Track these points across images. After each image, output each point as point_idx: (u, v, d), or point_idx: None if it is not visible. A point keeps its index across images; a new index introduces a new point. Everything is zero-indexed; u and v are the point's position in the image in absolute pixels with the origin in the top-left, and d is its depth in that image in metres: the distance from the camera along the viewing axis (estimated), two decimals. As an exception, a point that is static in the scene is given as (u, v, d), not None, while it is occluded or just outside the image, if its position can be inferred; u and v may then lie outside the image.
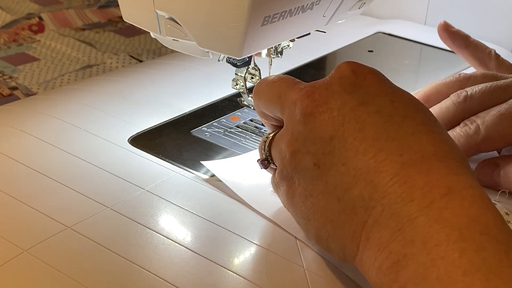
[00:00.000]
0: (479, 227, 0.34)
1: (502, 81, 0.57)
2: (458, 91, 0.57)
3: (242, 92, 0.63)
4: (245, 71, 0.61)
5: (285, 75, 0.47)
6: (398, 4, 0.97)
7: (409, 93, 0.43)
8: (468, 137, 0.53)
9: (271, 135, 0.47)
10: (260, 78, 0.62)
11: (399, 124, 0.40)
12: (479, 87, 0.56)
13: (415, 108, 0.41)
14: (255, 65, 0.62)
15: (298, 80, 0.46)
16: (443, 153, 0.38)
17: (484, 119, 0.54)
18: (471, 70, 0.71)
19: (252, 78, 0.62)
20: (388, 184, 0.37)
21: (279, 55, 0.61)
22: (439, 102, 0.58)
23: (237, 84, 0.62)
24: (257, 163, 0.49)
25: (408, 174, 0.37)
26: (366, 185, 0.38)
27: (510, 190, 0.52)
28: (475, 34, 0.84)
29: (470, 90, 0.56)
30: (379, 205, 0.37)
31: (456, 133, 0.54)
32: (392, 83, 0.43)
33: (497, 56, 0.64)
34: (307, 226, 0.43)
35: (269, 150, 0.47)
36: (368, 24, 0.94)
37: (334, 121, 0.41)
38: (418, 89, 0.74)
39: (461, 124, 0.55)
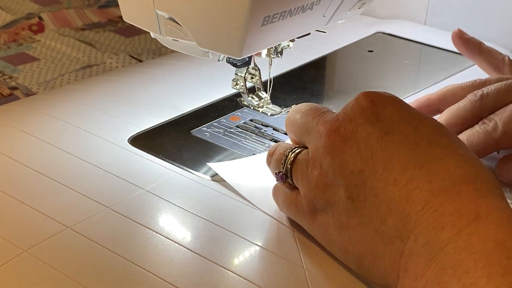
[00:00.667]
0: (506, 251, 0.34)
1: None
2: (475, 91, 0.58)
3: (242, 92, 0.63)
4: (245, 71, 0.61)
5: (314, 104, 0.48)
6: (398, 4, 0.97)
7: (431, 117, 0.43)
8: (487, 134, 0.54)
9: (293, 153, 0.47)
10: (260, 78, 0.62)
11: (425, 150, 0.40)
12: (495, 86, 0.58)
13: (438, 132, 0.42)
14: (255, 65, 0.62)
15: (325, 109, 0.47)
16: (471, 176, 0.39)
17: (502, 115, 0.55)
18: (471, 70, 0.72)
19: (252, 78, 0.62)
20: (419, 213, 0.38)
21: (279, 55, 0.61)
22: (454, 104, 0.59)
23: (237, 84, 0.62)
24: (275, 176, 0.49)
25: (438, 201, 0.38)
26: (400, 215, 0.39)
27: None
28: (475, 34, 0.84)
29: (486, 89, 0.58)
30: (412, 235, 0.38)
31: (475, 130, 0.55)
32: (413, 108, 0.43)
33: (511, 61, 0.65)
34: (346, 256, 0.44)
35: (290, 166, 0.47)
36: (368, 24, 0.94)
37: (362, 154, 0.41)
38: (418, 89, 0.74)
39: (480, 123, 0.56)
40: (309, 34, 0.59)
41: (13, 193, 0.52)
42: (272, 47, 0.60)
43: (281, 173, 0.48)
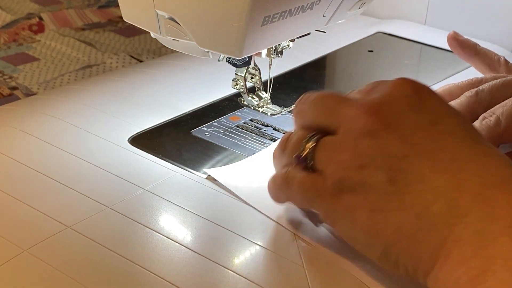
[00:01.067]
0: None
1: (511, 77, 0.59)
2: (471, 89, 0.59)
3: (242, 92, 0.63)
4: (245, 71, 0.61)
5: (329, 91, 0.48)
6: (398, 4, 0.97)
7: (466, 117, 0.44)
8: (490, 129, 0.54)
9: (315, 137, 0.46)
10: (260, 78, 0.62)
11: (472, 146, 0.41)
12: (490, 83, 0.59)
13: (478, 132, 0.43)
14: (255, 65, 0.62)
15: (344, 95, 0.47)
16: None
17: (503, 109, 0.55)
18: (471, 70, 0.72)
19: (252, 78, 0.62)
20: (470, 203, 0.38)
21: (279, 55, 0.61)
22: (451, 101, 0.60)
23: (237, 84, 0.62)
24: (294, 159, 0.47)
25: (491, 194, 0.38)
26: (447, 203, 0.39)
27: None
28: (475, 34, 0.84)
29: (482, 86, 0.59)
30: (461, 223, 0.38)
31: (477, 127, 0.55)
32: (449, 105, 0.44)
33: (506, 62, 0.66)
34: (371, 241, 0.42)
35: (313, 151, 0.46)
36: (368, 24, 0.94)
37: (406, 140, 0.41)
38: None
39: (480, 118, 0.55)
40: (309, 34, 0.59)
41: (13, 193, 0.52)
42: (272, 47, 0.60)
43: (301, 156, 0.46)
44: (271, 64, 0.62)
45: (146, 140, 0.61)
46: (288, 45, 0.61)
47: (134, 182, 0.54)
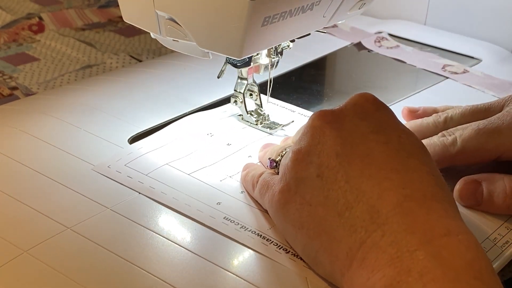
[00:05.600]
0: (473, 272, 0.36)
1: (482, 104, 0.58)
2: (440, 113, 0.59)
3: (240, 109, 0.63)
4: (244, 87, 0.61)
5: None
6: (398, 4, 0.97)
7: (415, 134, 0.45)
8: (444, 147, 0.54)
9: (285, 150, 0.50)
10: (259, 95, 0.62)
11: (404, 159, 0.42)
12: (460, 109, 0.58)
13: (418, 149, 0.44)
14: (254, 81, 0.62)
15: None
16: (440, 196, 0.40)
17: (463, 132, 0.54)
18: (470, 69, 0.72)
19: (250, 95, 0.62)
20: (390, 212, 0.39)
21: (279, 55, 0.61)
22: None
23: (236, 102, 0.62)
24: (268, 160, 0.52)
25: (410, 207, 0.39)
26: (368, 208, 0.40)
27: (492, 211, 0.51)
28: (475, 34, 0.84)
29: (451, 112, 0.58)
30: (379, 229, 0.39)
31: (433, 141, 0.55)
32: (400, 121, 0.45)
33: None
34: (296, 234, 0.44)
35: (281, 157, 0.50)
36: (368, 24, 0.94)
37: (343, 141, 0.43)
38: (418, 89, 0.74)
39: (439, 134, 0.55)
40: (309, 34, 0.59)
41: (13, 193, 0.52)
42: (272, 48, 0.60)
43: (272, 160, 0.51)
44: (271, 65, 0.62)
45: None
46: (288, 46, 0.61)
47: (134, 183, 0.54)
